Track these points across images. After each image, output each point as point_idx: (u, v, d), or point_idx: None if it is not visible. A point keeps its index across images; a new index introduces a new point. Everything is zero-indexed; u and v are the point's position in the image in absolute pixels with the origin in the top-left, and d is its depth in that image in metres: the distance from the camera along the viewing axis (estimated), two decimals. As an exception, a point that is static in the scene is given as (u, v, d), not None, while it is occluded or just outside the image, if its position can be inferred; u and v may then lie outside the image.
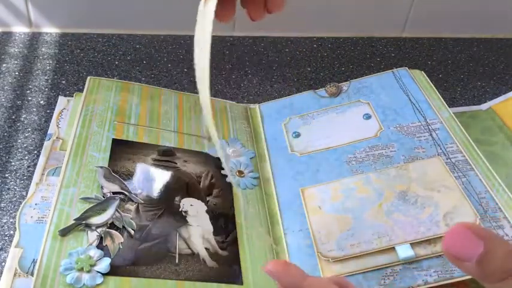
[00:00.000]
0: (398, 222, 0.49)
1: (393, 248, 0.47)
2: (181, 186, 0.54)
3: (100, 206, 0.51)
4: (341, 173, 0.55)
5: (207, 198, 0.54)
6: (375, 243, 0.48)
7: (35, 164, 0.57)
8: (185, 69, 0.74)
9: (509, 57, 0.83)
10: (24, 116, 0.65)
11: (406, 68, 0.66)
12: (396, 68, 0.67)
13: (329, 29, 0.84)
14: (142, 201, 0.52)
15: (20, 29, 0.77)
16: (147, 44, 0.78)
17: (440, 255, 0.46)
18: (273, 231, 0.53)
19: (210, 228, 0.51)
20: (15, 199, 0.55)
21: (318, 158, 0.58)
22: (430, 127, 0.58)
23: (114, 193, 0.52)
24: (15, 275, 0.46)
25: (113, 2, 0.76)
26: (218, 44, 0.80)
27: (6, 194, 0.56)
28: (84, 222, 0.49)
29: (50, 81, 0.70)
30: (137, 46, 0.77)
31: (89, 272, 0.46)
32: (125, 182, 0.53)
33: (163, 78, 0.73)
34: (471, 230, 0.24)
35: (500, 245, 0.24)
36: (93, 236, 0.49)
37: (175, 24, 0.78)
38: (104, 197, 0.51)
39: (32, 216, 0.51)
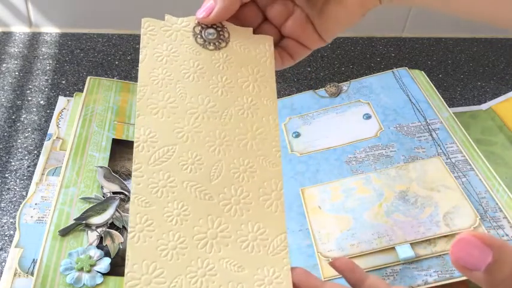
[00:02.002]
0: (398, 222, 0.49)
1: (393, 248, 0.47)
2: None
3: (100, 206, 0.51)
4: (341, 173, 0.55)
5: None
6: (374, 243, 0.48)
7: (35, 164, 0.57)
8: (185, 69, 0.74)
9: (509, 57, 0.83)
10: (24, 116, 0.65)
11: (406, 68, 0.66)
12: (396, 68, 0.67)
13: (329, 29, 0.83)
14: (142, 201, 0.52)
15: (20, 29, 0.77)
16: (147, 44, 0.78)
17: (440, 255, 0.46)
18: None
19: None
20: (15, 199, 0.55)
21: (318, 158, 0.58)
22: (430, 127, 0.58)
23: (114, 193, 0.52)
24: (15, 274, 0.46)
25: (113, 2, 0.76)
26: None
27: (6, 194, 0.56)
28: (84, 222, 0.49)
29: (50, 81, 0.70)
30: (137, 46, 0.77)
31: (89, 272, 0.46)
32: (125, 182, 0.53)
33: (163, 78, 0.73)
34: (479, 238, 0.24)
35: (509, 253, 0.24)
36: (93, 236, 0.49)
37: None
38: (104, 197, 0.51)
39: (32, 216, 0.51)
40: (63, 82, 0.70)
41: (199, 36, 0.36)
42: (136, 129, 0.32)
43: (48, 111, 0.65)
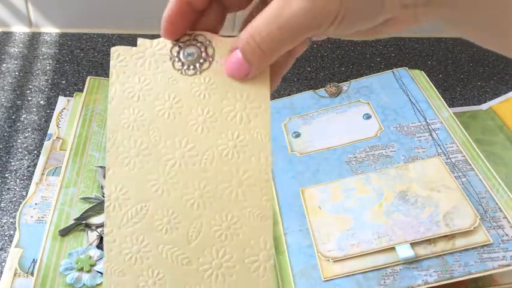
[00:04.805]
0: (398, 222, 0.49)
1: (393, 248, 0.47)
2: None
3: (100, 206, 0.51)
4: (341, 173, 0.55)
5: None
6: (374, 243, 0.48)
7: (35, 164, 0.57)
8: (185, 69, 0.74)
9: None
10: (24, 116, 0.65)
11: (406, 68, 0.66)
12: (396, 68, 0.67)
13: (329, 29, 0.83)
14: (142, 201, 0.52)
15: (20, 29, 0.77)
16: (147, 44, 0.78)
17: (440, 255, 0.46)
18: (273, 231, 0.53)
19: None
20: (15, 199, 0.55)
21: (318, 158, 0.58)
22: (430, 127, 0.58)
23: (114, 193, 0.52)
24: (15, 274, 0.46)
25: (113, 2, 0.76)
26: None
27: (6, 194, 0.56)
28: (84, 222, 0.49)
29: (50, 81, 0.70)
30: (137, 46, 0.77)
31: (89, 271, 0.46)
32: (125, 182, 0.53)
33: (163, 78, 0.73)
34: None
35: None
36: (93, 236, 0.49)
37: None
38: (103, 196, 0.51)
39: (32, 216, 0.51)
40: (63, 82, 0.70)
41: (177, 59, 0.30)
42: (107, 185, 0.29)
43: (48, 111, 0.65)
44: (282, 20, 0.26)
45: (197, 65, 0.30)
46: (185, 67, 0.30)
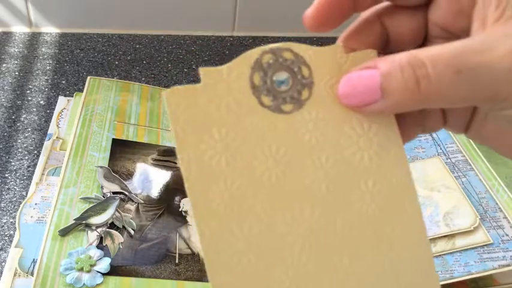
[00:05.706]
0: (398, 222, 0.49)
1: (393, 248, 0.47)
2: (181, 186, 0.54)
3: (100, 206, 0.51)
4: (341, 173, 0.55)
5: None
6: (374, 243, 0.48)
7: (35, 164, 0.57)
8: (185, 69, 0.74)
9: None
10: (24, 116, 0.65)
11: (406, 68, 0.66)
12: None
13: (329, 29, 0.83)
14: (142, 201, 0.52)
15: (20, 29, 0.77)
16: (147, 44, 0.78)
17: (440, 255, 0.46)
18: None
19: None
20: (15, 199, 0.55)
21: (318, 158, 0.58)
22: (430, 127, 0.58)
23: (114, 193, 0.52)
24: (15, 274, 0.46)
25: (113, 2, 0.76)
26: (218, 44, 0.80)
27: (6, 194, 0.56)
28: (84, 222, 0.49)
29: (50, 81, 0.70)
30: (137, 46, 0.77)
31: (89, 272, 0.46)
32: (125, 182, 0.53)
33: (163, 78, 0.73)
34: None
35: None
36: (93, 236, 0.49)
37: (175, 24, 0.78)
38: (104, 197, 0.51)
39: (32, 216, 0.51)
40: (63, 82, 0.70)
41: (264, 91, 0.21)
42: None
43: (48, 111, 0.65)
44: (471, 64, 0.18)
45: (295, 94, 0.21)
46: (280, 101, 0.21)
